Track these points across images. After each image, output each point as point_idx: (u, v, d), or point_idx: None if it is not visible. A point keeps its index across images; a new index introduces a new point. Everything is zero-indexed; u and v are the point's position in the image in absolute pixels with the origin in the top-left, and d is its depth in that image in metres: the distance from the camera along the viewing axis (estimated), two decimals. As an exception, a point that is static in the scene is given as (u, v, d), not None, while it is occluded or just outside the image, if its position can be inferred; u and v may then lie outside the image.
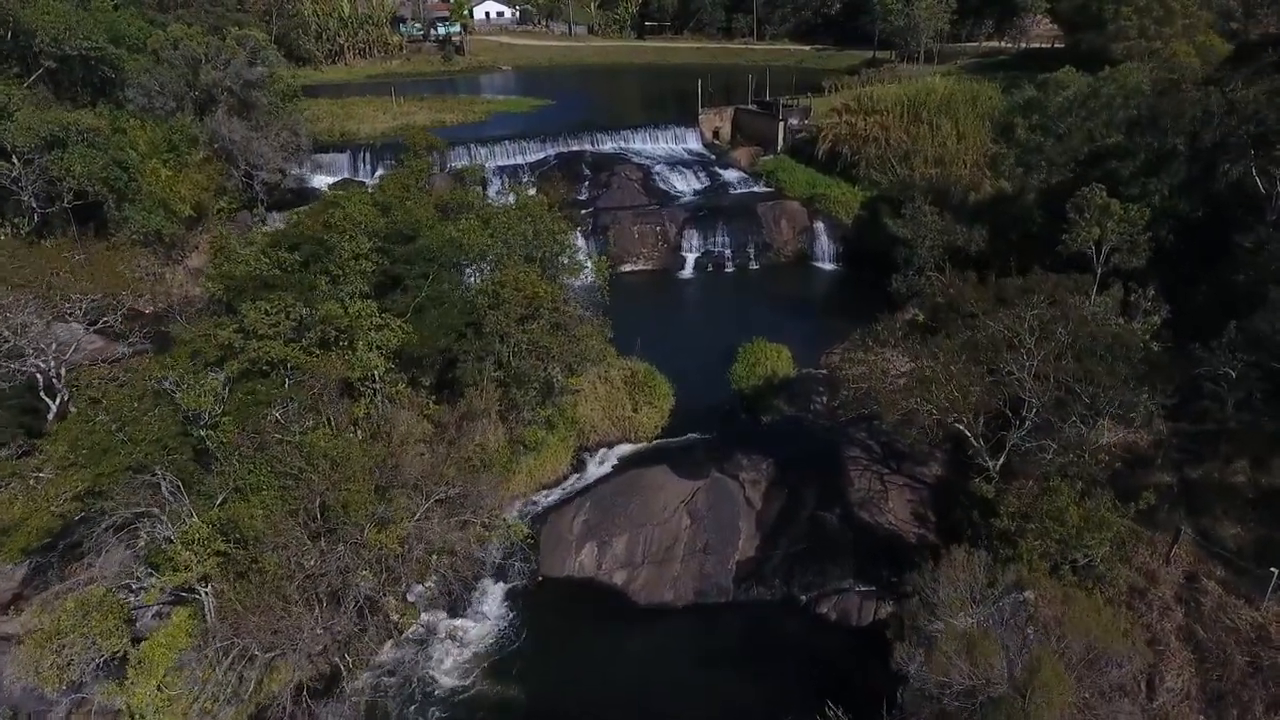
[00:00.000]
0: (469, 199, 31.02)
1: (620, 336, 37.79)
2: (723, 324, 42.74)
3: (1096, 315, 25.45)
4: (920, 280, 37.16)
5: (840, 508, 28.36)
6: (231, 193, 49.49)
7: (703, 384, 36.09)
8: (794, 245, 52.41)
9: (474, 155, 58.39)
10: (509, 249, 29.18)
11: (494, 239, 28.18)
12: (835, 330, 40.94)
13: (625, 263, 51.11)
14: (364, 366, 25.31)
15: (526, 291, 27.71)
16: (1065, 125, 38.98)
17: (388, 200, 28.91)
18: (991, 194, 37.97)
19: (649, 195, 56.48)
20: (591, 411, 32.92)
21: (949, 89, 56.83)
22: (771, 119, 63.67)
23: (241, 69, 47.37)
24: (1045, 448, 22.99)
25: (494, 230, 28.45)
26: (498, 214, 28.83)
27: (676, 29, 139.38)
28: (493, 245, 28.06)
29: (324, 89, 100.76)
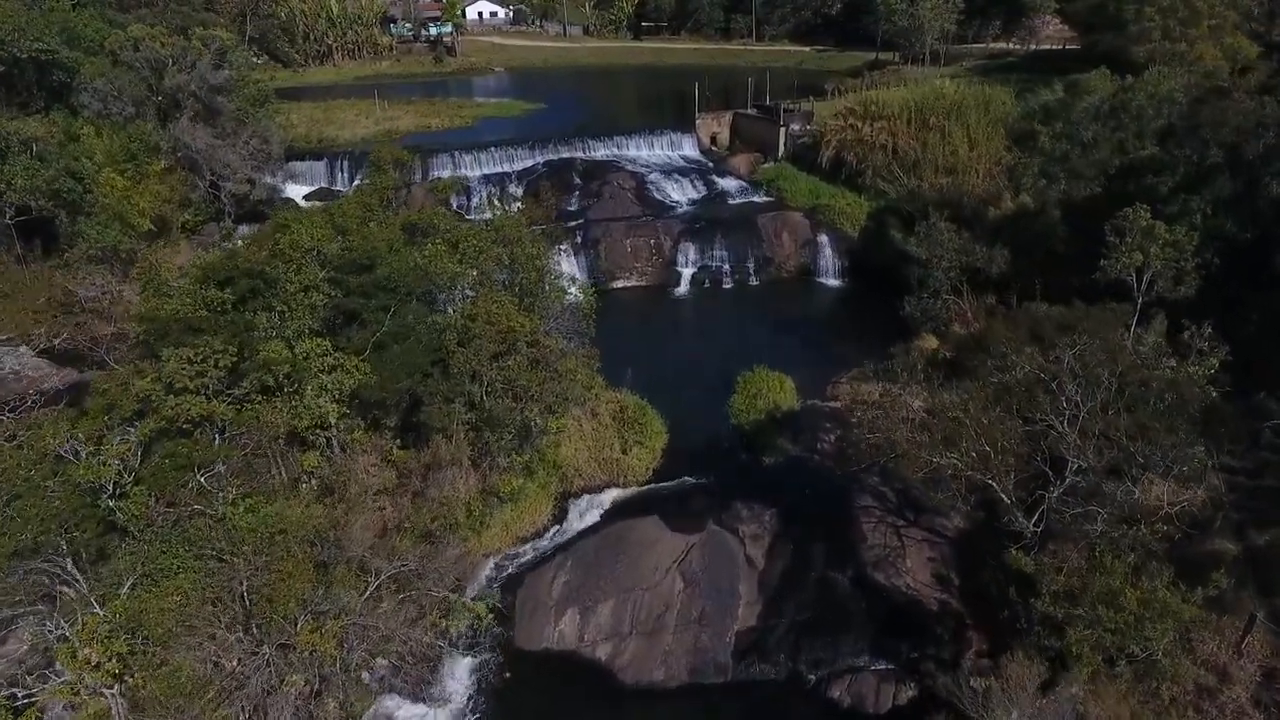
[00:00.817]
0: (435, 220, 27.94)
1: (609, 363, 34.73)
2: (720, 348, 39.69)
3: (1145, 356, 22.38)
4: (937, 304, 34.14)
5: (852, 567, 25.27)
6: (197, 204, 46.41)
7: (699, 418, 33.04)
8: (796, 260, 49.34)
9: (458, 163, 55.31)
10: (484, 277, 26.12)
11: (463, 265, 25.12)
12: (842, 356, 37.90)
13: (617, 278, 48.06)
14: (313, 414, 22.22)
15: (500, 325, 24.62)
16: (1091, 133, 35.95)
17: (345, 222, 25.83)
18: (1013, 209, 34.93)
19: (643, 206, 53.39)
20: (576, 453, 29.84)
21: (959, 93, 53.79)
22: (772, 124, 60.63)
23: (206, 72, 44.21)
24: (1092, 514, 19.91)
25: (463, 255, 25.40)
26: (467, 236, 25.77)
27: (674, 29, 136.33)
28: (462, 272, 24.99)
29: (311, 91, 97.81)
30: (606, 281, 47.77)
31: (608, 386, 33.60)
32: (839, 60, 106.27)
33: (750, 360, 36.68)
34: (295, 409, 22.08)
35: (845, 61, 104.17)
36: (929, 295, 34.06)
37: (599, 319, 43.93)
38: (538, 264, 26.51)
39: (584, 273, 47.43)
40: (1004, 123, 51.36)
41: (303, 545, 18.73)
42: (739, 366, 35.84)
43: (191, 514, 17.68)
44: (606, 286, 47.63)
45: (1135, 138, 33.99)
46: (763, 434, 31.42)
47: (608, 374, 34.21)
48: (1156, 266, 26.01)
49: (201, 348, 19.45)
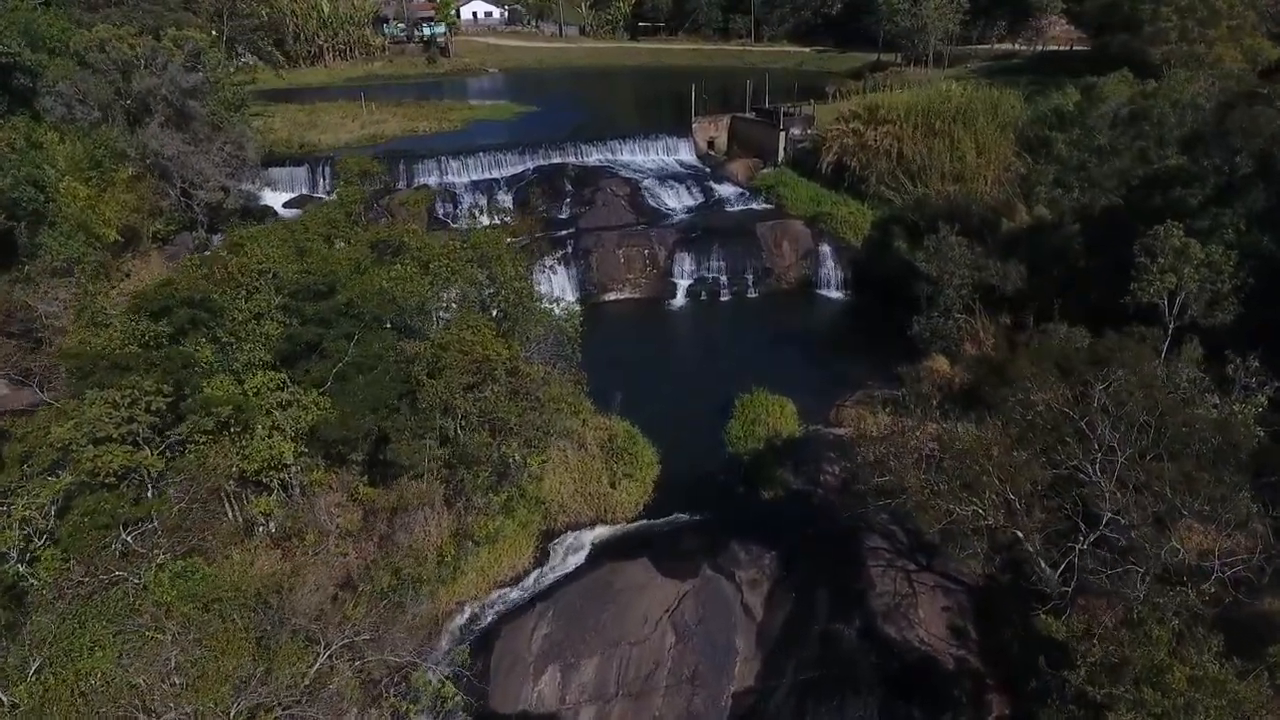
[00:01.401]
0: (405, 237, 25.74)
1: (599, 384, 32.66)
2: (717, 366, 37.56)
3: (1185, 391, 20.22)
4: (948, 324, 31.96)
5: (860, 618, 23.11)
6: (168, 213, 44.23)
7: (693, 445, 30.90)
8: (797, 271, 47.19)
9: (444, 169, 53.15)
10: (461, 299, 23.97)
11: (434, 288, 22.96)
12: (846, 375, 35.78)
13: (609, 291, 45.92)
14: (265, 455, 20.05)
15: (474, 355, 22.45)
16: (1110, 139, 33.81)
17: (306, 242, 23.65)
18: (1028, 222, 32.79)
19: (637, 213, 51.23)
20: (561, 486, 27.65)
21: (966, 96, 51.61)
22: (771, 128, 58.47)
23: (177, 75, 42.02)
24: (1131, 575, 17.75)
25: (435, 277, 23.24)
26: (440, 256, 23.61)
27: (671, 29, 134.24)
28: (432, 296, 22.82)
29: (302, 93, 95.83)
30: (598, 294, 45.69)
31: (596, 411, 31.53)
32: (839, 61, 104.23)
33: (749, 380, 34.59)
34: (245, 450, 19.91)
35: (846, 62, 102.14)
36: (939, 314, 31.90)
37: (589, 335, 41.77)
38: (517, 285, 24.34)
39: (574, 284, 45.40)
40: (1014, 128, 49.26)
41: (243, 612, 16.55)
42: (737, 387, 33.74)
43: (112, 581, 15.54)
44: (598, 299, 45.59)
45: (1158, 145, 31.86)
46: (762, 464, 29.26)
47: (596, 397, 32.16)
48: (1191, 290, 23.88)
49: (129, 389, 17.30)
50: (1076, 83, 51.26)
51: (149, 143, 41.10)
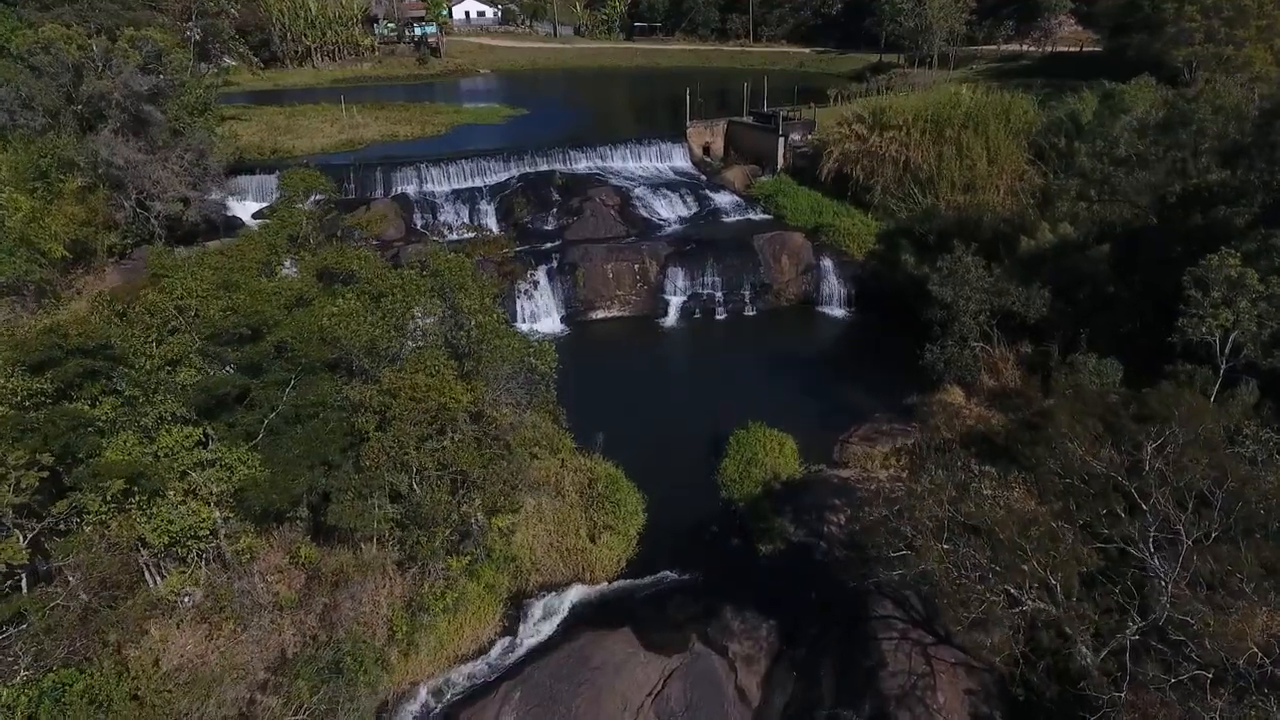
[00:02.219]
0: (355, 265, 22.70)
1: (581, 417, 29.85)
2: (711, 393, 34.64)
3: (1252, 450, 17.30)
4: (964, 354, 29.04)
5: (871, 703, 20.15)
6: (124, 226, 41.26)
7: (683, 489, 27.97)
8: (797, 286, 44.29)
9: (424, 177, 50.22)
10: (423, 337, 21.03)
11: (384, 326, 20.01)
12: (850, 404, 32.96)
13: (597, 308, 42.99)
14: (177, 527, 17.13)
15: (428, 405, 19.52)
16: (1139, 150, 30.95)
17: (234, 274, 20.64)
18: (1052, 241, 29.89)
19: (627, 224, 48.32)
20: (534, 540, 24.70)
21: (977, 100, 48.72)
22: (770, 133, 55.58)
23: (131, 78, 39.06)
24: (1199, 682, 14.83)
25: (386, 312, 20.31)
26: (396, 289, 20.62)
27: (668, 30, 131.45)
28: (381, 335, 19.87)
29: (288, 94, 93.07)
30: (585, 312, 42.78)
31: (575, 450, 28.65)
32: (840, 62, 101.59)
33: (745, 409, 31.74)
34: (156, 520, 16.98)
35: (846, 64, 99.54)
36: (954, 343, 28.98)
37: (573, 358, 38.98)
38: (483, 319, 21.39)
39: (559, 301, 42.49)
40: (1027, 134, 46.40)
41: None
42: (731, 418, 30.86)
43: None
44: (585, 317, 42.72)
45: (1194, 156, 28.99)
46: (759, 512, 26.32)
47: (578, 430, 29.32)
48: (1249, 327, 21.00)
49: (-9, 462, 14.47)
50: (1092, 86, 48.48)
51: (100, 151, 38.10)
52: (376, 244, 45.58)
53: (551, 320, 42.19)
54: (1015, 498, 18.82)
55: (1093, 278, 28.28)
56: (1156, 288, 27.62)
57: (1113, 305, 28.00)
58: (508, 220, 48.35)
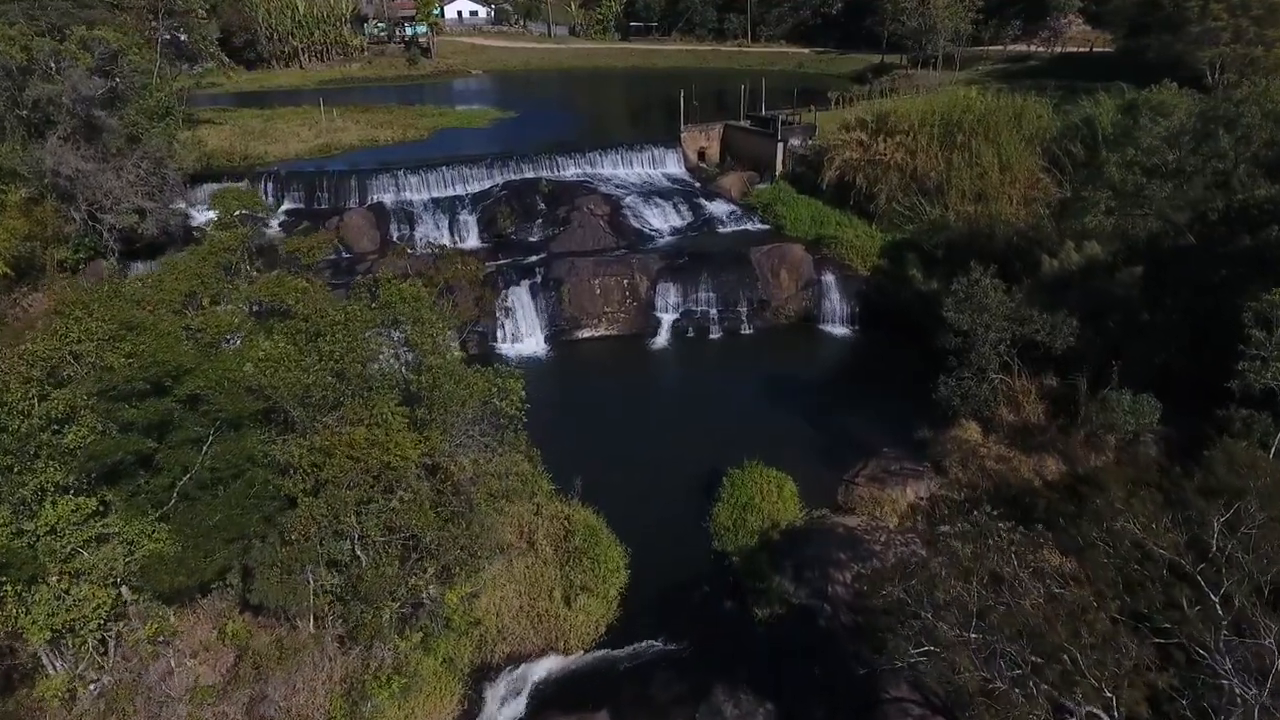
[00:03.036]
0: (292, 299, 19.82)
1: (561, 453, 27.25)
2: (704, 424, 31.87)
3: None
4: (982, 387, 26.27)
5: (884, 808, 17.46)
6: (75, 240, 38.51)
7: (671, 539, 25.22)
8: (797, 303, 41.48)
9: (402, 185, 47.43)
10: (360, 383, 18.20)
11: (320, 370, 17.23)
12: (855, 437, 30.20)
13: (583, 327, 40.19)
14: (61, 619, 14.35)
15: (369, 463, 16.73)
16: (1174, 160, 28.23)
17: (158, 307, 17.78)
18: (1079, 262, 27.14)
19: (617, 235, 45.54)
20: (501, 603, 21.92)
21: (987, 104, 45.96)
22: (768, 138, 52.82)
23: (80, 81, 36.23)
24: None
25: (324, 355, 17.55)
26: (336, 327, 17.81)
27: (664, 29, 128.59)
28: (317, 381, 17.09)
29: (273, 96, 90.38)
30: (570, 331, 40.01)
31: (553, 493, 25.87)
32: (840, 63, 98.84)
33: (740, 442, 29.17)
34: (36, 610, 14.20)
35: (847, 64, 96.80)
36: (971, 375, 26.19)
37: (556, 384, 36.39)
38: (436, 361, 18.61)
39: (543, 319, 39.73)
40: (1040, 140, 43.71)
41: None
42: (726, 453, 28.21)
43: None
44: (570, 336, 39.95)
45: (1236, 168, 26.27)
46: (755, 568, 23.54)
47: (557, 467, 26.62)
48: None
49: None
50: (1109, 89, 45.80)
51: (45, 160, 35.32)
52: (349, 256, 42.94)
53: (534, 340, 39.43)
54: (1051, 564, 16.06)
55: (1124, 303, 25.53)
56: (1196, 315, 24.90)
57: (1147, 334, 25.24)
58: (490, 231, 45.57)
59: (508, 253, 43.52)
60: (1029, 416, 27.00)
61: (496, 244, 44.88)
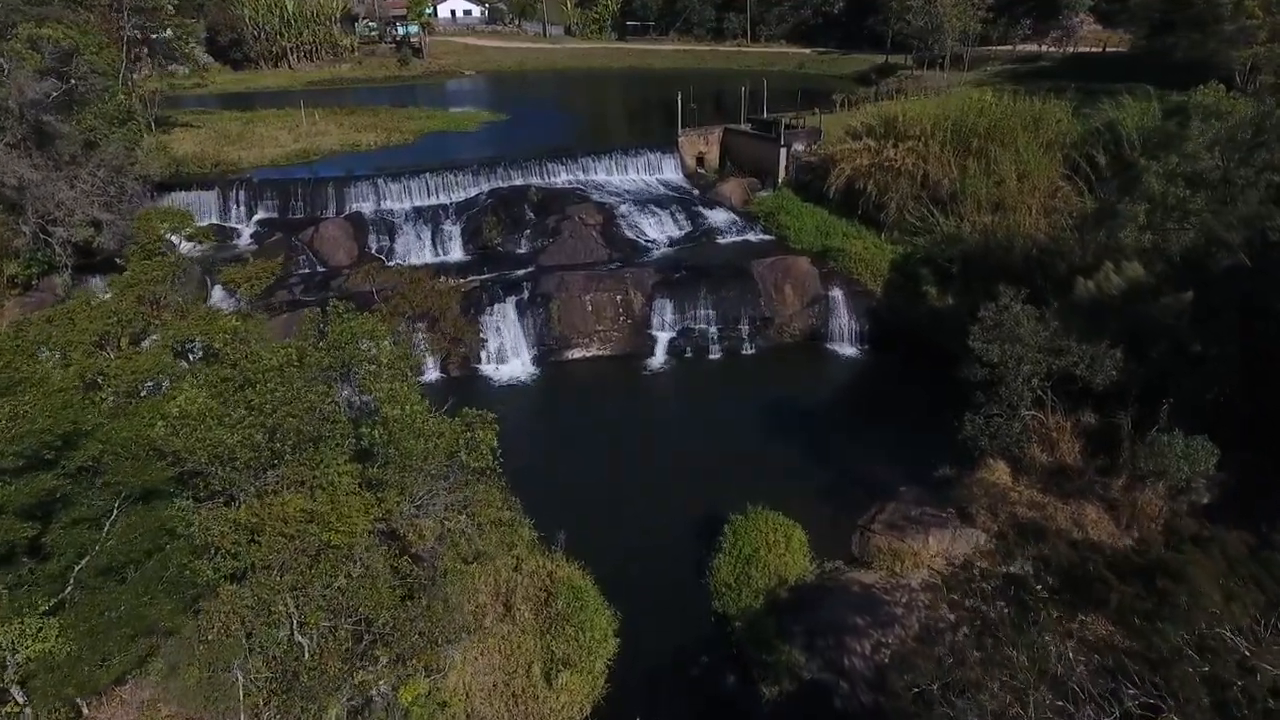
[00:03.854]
0: (220, 340, 17.02)
1: (545, 491, 24.76)
2: (702, 458, 29.18)
3: None
4: (1013, 425, 23.57)
5: None
6: (26, 254, 35.75)
7: (666, 599, 22.54)
8: (802, 320, 38.80)
9: (382, 193, 44.71)
10: (304, 441, 15.44)
11: (248, 427, 14.51)
12: (869, 473, 27.58)
13: (573, 346, 37.50)
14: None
15: (306, 542, 14.01)
16: (1220, 171, 25.59)
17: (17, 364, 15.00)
18: (1120, 284, 24.45)
19: (610, 247, 42.82)
20: (471, 679, 19.17)
21: (1003, 108, 43.28)
22: (770, 143, 50.14)
23: (25, 83, 33.51)
24: None
25: (254, 408, 14.83)
26: (268, 372, 15.04)
27: (662, 29, 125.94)
28: (243, 442, 14.36)
29: (259, 97, 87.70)
30: (559, 351, 37.32)
31: (534, 546, 23.16)
32: (843, 63, 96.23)
33: (742, 479, 26.64)
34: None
35: (850, 65, 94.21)
36: (1001, 412, 23.49)
37: (542, 411, 33.74)
38: (392, 412, 15.88)
39: (530, 339, 37.03)
40: (1060, 146, 41.06)
41: None
42: (726, 493, 25.58)
43: None
44: (559, 357, 37.26)
45: (1292, 180, 23.68)
46: (761, 636, 20.82)
47: (538, 512, 24.04)
48: None
49: None
50: (1133, 91, 43.15)
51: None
52: (323, 270, 40.25)
53: (520, 361, 36.75)
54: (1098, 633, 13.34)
55: (1171, 332, 22.86)
56: (1252, 344, 22.24)
57: (1197, 367, 22.57)
58: (475, 243, 42.87)
59: (494, 266, 40.82)
60: (1064, 456, 24.34)
61: (482, 256, 42.22)
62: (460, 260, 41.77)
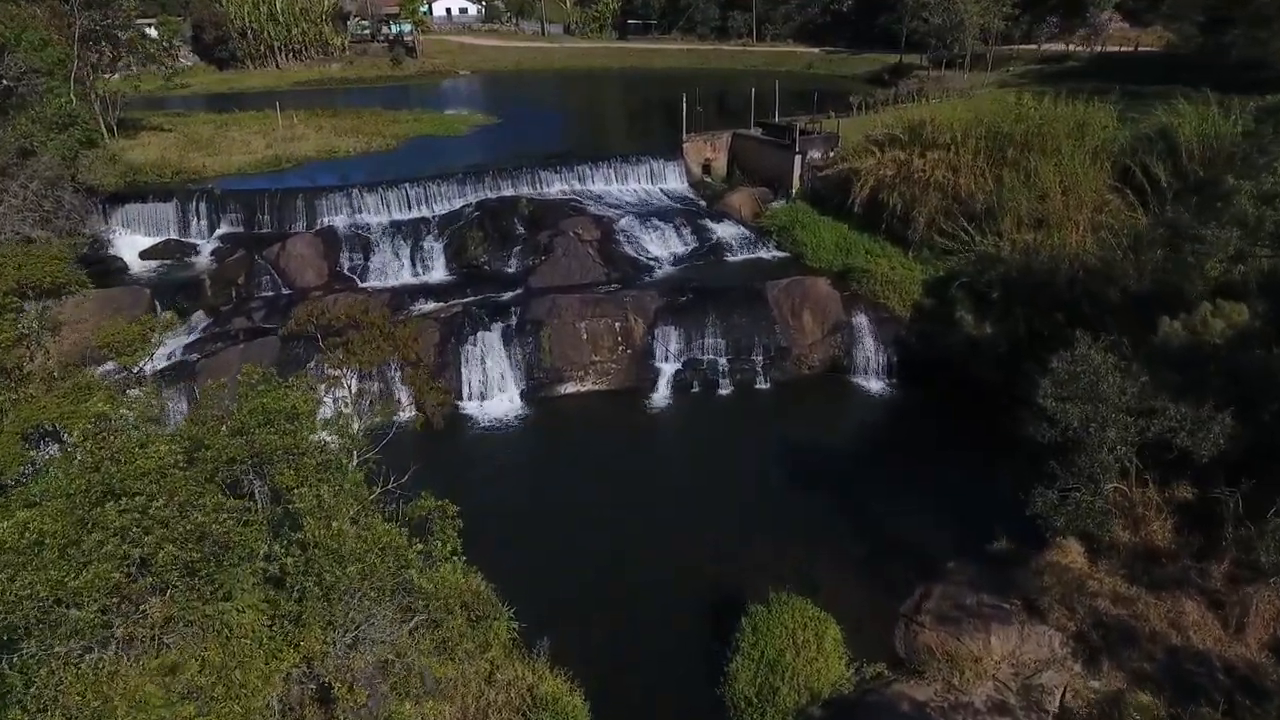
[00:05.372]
0: (76, 425, 12.89)
1: (525, 570, 20.79)
2: (713, 520, 25.11)
3: None
4: (1094, 500, 19.46)
5: None
6: (-51, 276, 31.64)
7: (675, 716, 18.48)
8: (822, 350, 34.72)
9: (357, 205, 40.62)
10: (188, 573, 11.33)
11: (110, 557, 10.38)
12: (908, 540, 23.64)
13: (566, 380, 33.47)
14: None
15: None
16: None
17: None
18: (1223, 331, 20.36)
19: (608, 266, 38.77)
20: (428, 845, 15.10)
21: (1043, 112, 39.14)
22: (783, 149, 46.07)
23: (-56, 84, 29.54)
24: None
25: (119, 529, 10.71)
26: (148, 479, 10.97)
27: (664, 28, 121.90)
28: (97, 579, 10.24)
29: (245, 98, 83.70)
30: (551, 385, 33.31)
31: (510, 649, 19.05)
32: (853, 63, 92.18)
33: (759, 547, 22.96)
34: None
35: (861, 65, 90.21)
36: (1081, 485, 19.36)
37: (529, 458, 29.73)
38: (315, 534, 11.81)
39: (518, 372, 33.04)
40: (1108, 155, 36.96)
41: None
42: (742, 568, 21.83)
43: None
44: (551, 392, 33.26)
45: None
46: (792, 774, 16.75)
47: (519, 592, 19.91)
48: None
49: None
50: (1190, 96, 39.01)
51: (-100, 181, 28.54)
52: (289, 293, 36.19)
53: (507, 397, 32.73)
54: None
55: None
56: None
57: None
58: (459, 261, 38.84)
59: (478, 287, 36.79)
60: (1153, 537, 20.24)
61: (466, 276, 38.18)
62: (442, 280, 37.73)
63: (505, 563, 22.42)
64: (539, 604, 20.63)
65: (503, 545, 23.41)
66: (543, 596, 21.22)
